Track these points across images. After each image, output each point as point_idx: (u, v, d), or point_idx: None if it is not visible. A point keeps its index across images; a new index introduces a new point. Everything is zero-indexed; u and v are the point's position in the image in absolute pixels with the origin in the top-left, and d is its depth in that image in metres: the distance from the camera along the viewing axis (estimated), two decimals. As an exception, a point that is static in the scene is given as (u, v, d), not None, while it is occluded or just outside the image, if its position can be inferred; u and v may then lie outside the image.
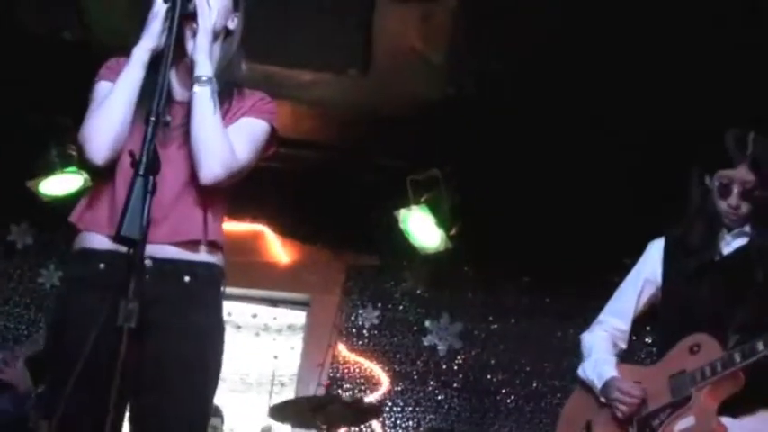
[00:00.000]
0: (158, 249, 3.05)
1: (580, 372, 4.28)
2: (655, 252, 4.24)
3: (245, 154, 3.24)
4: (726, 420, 3.66)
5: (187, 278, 3.14)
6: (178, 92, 3.28)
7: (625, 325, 4.29)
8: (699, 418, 3.66)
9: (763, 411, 3.70)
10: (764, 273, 3.70)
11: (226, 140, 3.16)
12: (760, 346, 3.53)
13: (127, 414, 3.08)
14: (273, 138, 3.41)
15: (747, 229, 3.86)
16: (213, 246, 3.22)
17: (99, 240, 3.10)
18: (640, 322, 4.40)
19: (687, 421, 3.69)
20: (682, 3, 5.17)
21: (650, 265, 4.24)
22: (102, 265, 3.08)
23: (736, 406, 3.68)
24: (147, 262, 3.01)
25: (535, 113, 6.41)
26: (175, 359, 3.07)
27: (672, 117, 6.17)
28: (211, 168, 3.12)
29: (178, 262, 3.13)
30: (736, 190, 3.81)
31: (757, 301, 3.66)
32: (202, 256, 3.19)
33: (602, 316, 4.39)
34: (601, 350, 4.28)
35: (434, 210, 7.28)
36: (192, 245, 3.16)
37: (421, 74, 6.15)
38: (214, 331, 3.22)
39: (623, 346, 4.33)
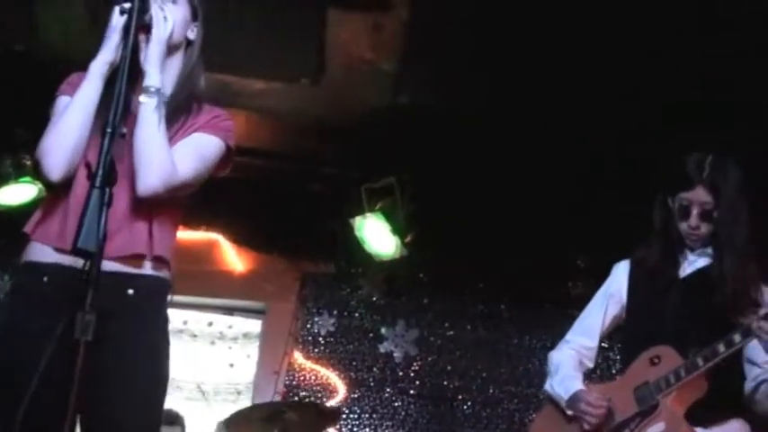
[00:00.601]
0: (102, 263, 3.03)
1: (547, 387, 4.32)
2: (620, 272, 4.34)
3: (190, 170, 3.21)
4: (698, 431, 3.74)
5: (130, 291, 3.12)
6: (136, 104, 3.24)
7: (592, 342, 4.34)
8: (668, 423, 3.74)
9: (734, 421, 3.78)
10: (722, 296, 3.78)
11: (166, 153, 3.12)
12: (721, 348, 3.63)
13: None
14: (228, 156, 3.39)
15: (710, 249, 3.95)
16: (159, 261, 3.20)
17: (45, 252, 3.09)
18: (607, 339, 4.45)
19: (657, 427, 3.77)
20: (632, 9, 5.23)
21: (616, 284, 4.33)
22: (45, 278, 3.06)
23: (706, 417, 3.76)
24: None
25: (488, 120, 6.45)
26: (119, 372, 3.05)
27: (624, 122, 6.24)
28: (148, 181, 3.09)
29: (121, 275, 3.10)
30: (695, 211, 3.92)
31: (716, 323, 3.73)
32: (147, 270, 3.17)
33: (569, 335, 4.44)
34: (568, 367, 4.30)
35: (389, 217, 7.30)
36: (137, 259, 3.14)
37: (373, 83, 6.17)
38: (160, 343, 3.21)
39: (590, 364, 4.39)
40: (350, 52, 5.86)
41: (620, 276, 4.31)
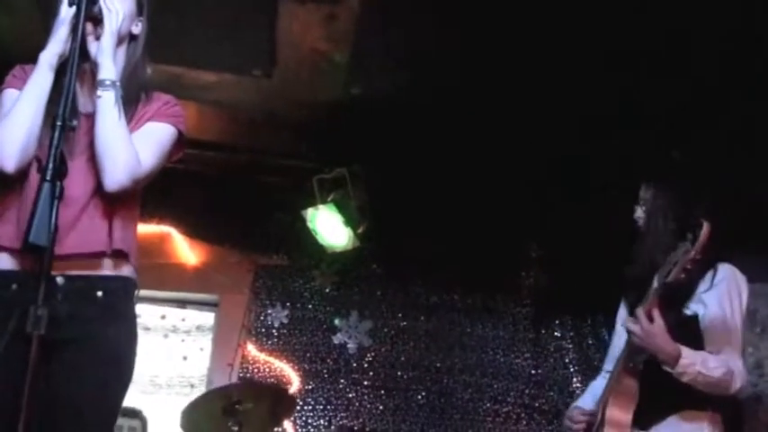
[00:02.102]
0: (69, 266, 3.03)
1: None
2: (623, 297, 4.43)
3: (151, 159, 3.23)
4: None
5: (100, 293, 3.12)
6: (82, 103, 3.23)
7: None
8: (609, 427, 3.85)
9: (673, 417, 3.83)
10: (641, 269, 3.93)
11: (130, 147, 3.14)
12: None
13: None
14: (180, 142, 3.40)
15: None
16: (121, 256, 3.20)
17: (9, 261, 3.07)
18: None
19: None
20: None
21: (621, 309, 4.43)
22: (14, 286, 3.04)
23: (647, 418, 3.83)
24: (60, 279, 3.01)
25: (440, 111, 6.46)
26: (88, 378, 3.06)
27: (574, 107, 6.27)
28: (115, 176, 3.10)
29: (90, 278, 3.11)
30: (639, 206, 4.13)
31: (686, 334, 3.81)
32: (113, 269, 3.17)
33: (603, 364, 4.55)
34: (588, 391, 4.48)
35: (342, 209, 7.29)
36: (99, 257, 3.14)
37: (326, 74, 6.16)
38: (128, 345, 3.22)
39: None
40: (302, 44, 5.84)
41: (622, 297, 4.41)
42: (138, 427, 6.71)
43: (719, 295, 3.85)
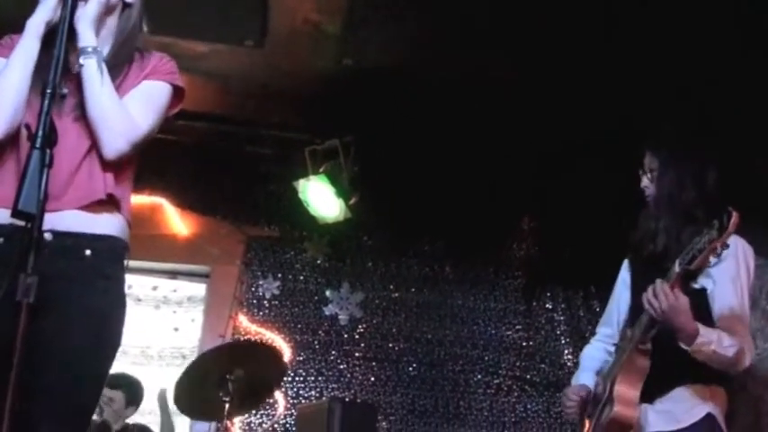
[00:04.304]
0: (59, 221, 3.00)
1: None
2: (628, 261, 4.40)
3: (148, 120, 3.22)
4: (643, 407, 3.84)
5: (88, 252, 3.09)
6: (74, 63, 3.19)
7: (611, 329, 4.40)
8: (617, 405, 3.82)
9: (678, 390, 3.84)
10: (655, 248, 3.93)
11: (123, 112, 3.12)
12: (644, 317, 3.73)
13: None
14: (176, 97, 3.38)
15: None
16: (113, 203, 3.16)
17: (1, 215, 3.03)
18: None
19: (607, 411, 3.86)
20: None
21: (623, 271, 4.39)
22: (1, 240, 3.03)
23: (652, 391, 3.84)
24: (47, 235, 2.96)
25: (433, 82, 6.45)
26: (74, 336, 3.02)
27: (569, 80, 6.26)
28: (114, 144, 3.09)
29: (80, 236, 3.07)
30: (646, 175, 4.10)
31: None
32: (105, 225, 3.13)
33: (597, 328, 4.54)
34: (584, 362, 4.45)
35: (333, 180, 7.28)
36: (95, 208, 3.10)
37: (318, 45, 6.14)
38: (115, 308, 3.17)
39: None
40: (294, 14, 5.82)
41: (626, 264, 4.38)
42: (120, 398, 6.68)
43: (729, 270, 3.84)
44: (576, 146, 6.79)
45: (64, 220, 3.03)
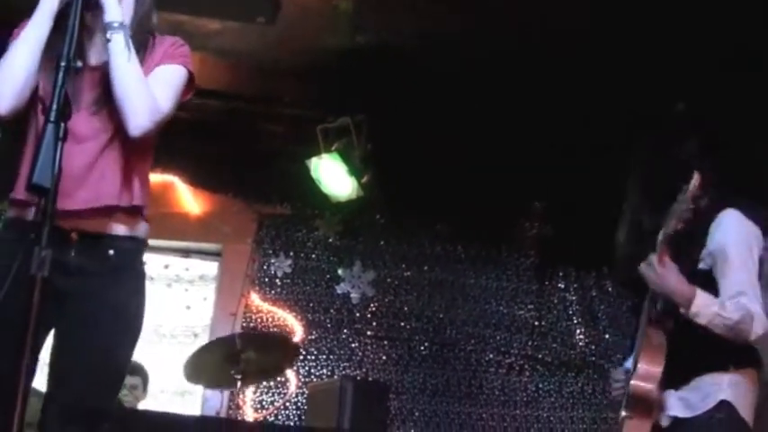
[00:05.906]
0: (82, 222, 3.06)
1: None
2: None
3: (168, 102, 3.23)
4: (667, 392, 3.86)
5: (111, 252, 3.15)
6: (87, 55, 3.21)
7: None
8: (640, 381, 3.84)
9: (698, 378, 3.83)
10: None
11: (148, 89, 3.14)
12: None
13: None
14: (190, 81, 3.39)
15: None
16: (135, 211, 3.22)
17: (29, 210, 3.07)
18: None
19: (631, 387, 3.87)
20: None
21: None
22: (33, 236, 3.02)
23: (678, 378, 3.84)
24: (74, 236, 3.06)
25: (446, 61, 6.43)
26: (100, 326, 3.10)
27: (579, 66, 6.24)
28: (138, 120, 3.10)
29: (103, 237, 3.14)
30: None
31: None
32: (125, 228, 3.20)
33: None
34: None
35: (346, 158, 7.26)
36: (112, 212, 3.15)
37: (330, 22, 6.13)
38: (135, 298, 3.24)
39: None
40: (306, -9, 5.81)
41: None
42: (138, 383, 6.75)
43: (726, 245, 3.83)
44: (591, 125, 6.77)
45: (87, 222, 3.09)
